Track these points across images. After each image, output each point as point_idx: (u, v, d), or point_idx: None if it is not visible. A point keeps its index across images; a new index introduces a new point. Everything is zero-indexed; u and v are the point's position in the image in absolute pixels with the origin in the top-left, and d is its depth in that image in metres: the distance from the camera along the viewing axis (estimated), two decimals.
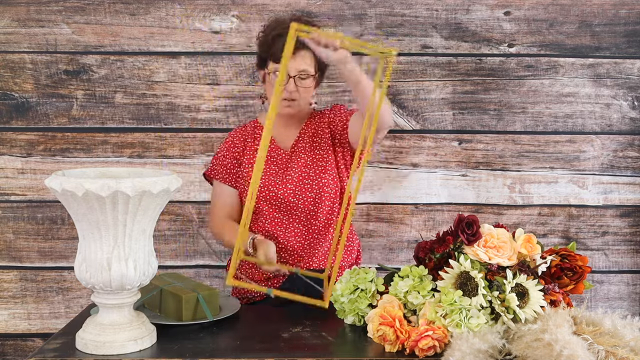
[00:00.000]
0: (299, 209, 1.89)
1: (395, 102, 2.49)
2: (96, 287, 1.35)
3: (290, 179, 1.91)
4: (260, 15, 2.44)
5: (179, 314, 1.53)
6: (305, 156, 1.93)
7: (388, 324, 1.35)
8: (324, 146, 1.94)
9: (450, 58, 2.49)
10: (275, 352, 1.35)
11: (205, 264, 2.53)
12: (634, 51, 2.50)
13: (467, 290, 1.34)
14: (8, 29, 2.44)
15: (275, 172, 1.92)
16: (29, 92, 2.46)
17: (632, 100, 2.52)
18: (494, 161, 2.53)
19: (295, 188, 1.89)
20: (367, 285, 1.50)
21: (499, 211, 2.54)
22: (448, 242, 1.44)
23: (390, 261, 2.53)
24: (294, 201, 1.89)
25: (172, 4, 2.44)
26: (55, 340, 1.43)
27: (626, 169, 2.54)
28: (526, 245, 1.45)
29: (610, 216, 2.56)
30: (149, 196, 1.29)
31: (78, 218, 1.33)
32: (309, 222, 1.91)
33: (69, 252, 2.51)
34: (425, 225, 2.54)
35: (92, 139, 2.48)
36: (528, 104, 2.51)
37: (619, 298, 2.59)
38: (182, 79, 2.47)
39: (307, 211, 1.90)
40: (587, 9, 2.49)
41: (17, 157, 2.48)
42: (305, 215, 1.90)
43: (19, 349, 2.55)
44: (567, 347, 1.18)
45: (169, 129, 2.47)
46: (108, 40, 2.45)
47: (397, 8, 2.46)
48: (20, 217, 2.50)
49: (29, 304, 2.53)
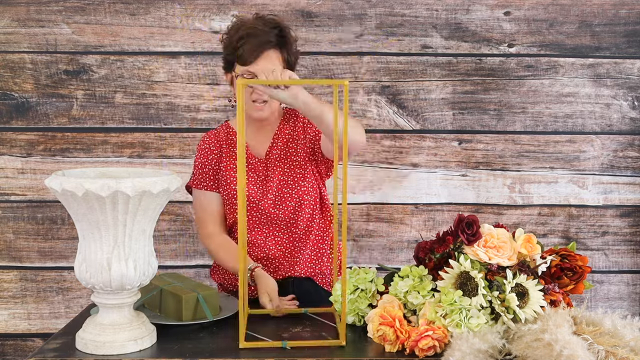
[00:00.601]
0: (279, 218, 1.87)
1: (395, 102, 2.49)
2: (96, 287, 1.35)
3: (269, 189, 1.87)
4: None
5: (179, 314, 1.53)
6: (282, 164, 1.88)
7: (388, 324, 1.35)
8: (300, 152, 1.89)
9: (450, 58, 2.49)
10: (275, 352, 1.35)
11: (205, 264, 2.53)
12: (634, 51, 2.50)
13: (467, 290, 1.34)
14: (8, 29, 2.44)
15: (253, 181, 1.88)
16: (29, 92, 2.46)
17: (632, 100, 2.52)
18: (494, 161, 2.53)
19: (275, 198, 1.86)
20: (367, 285, 1.50)
21: (499, 211, 2.54)
22: (448, 242, 1.44)
23: (390, 261, 2.53)
24: (274, 211, 1.86)
25: (172, 4, 2.44)
26: (55, 340, 1.43)
27: (626, 169, 2.54)
28: (526, 245, 1.45)
29: (610, 216, 2.56)
30: (149, 196, 1.29)
31: (78, 218, 1.33)
32: (289, 230, 1.88)
33: (69, 252, 2.51)
34: (425, 225, 2.54)
35: (92, 139, 2.48)
36: (528, 104, 2.51)
37: (619, 298, 2.59)
38: (182, 79, 2.47)
39: (288, 219, 1.87)
40: (587, 9, 2.49)
41: (17, 157, 2.48)
42: (286, 224, 1.87)
43: (19, 349, 2.55)
44: (567, 347, 1.18)
45: (169, 129, 2.47)
46: (108, 40, 2.45)
47: (397, 8, 2.46)
48: (20, 217, 2.50)
49: (29, 304, 2.53)
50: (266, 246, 1.87)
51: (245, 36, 1.80)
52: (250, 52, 1.79)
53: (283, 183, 1.87)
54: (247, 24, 1.82)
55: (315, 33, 2.46)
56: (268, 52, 1.81)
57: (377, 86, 2.49)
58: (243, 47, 1.79)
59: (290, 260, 1.88)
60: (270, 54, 1.81)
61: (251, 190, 1.87)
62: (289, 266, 1.88)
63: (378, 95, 2.49)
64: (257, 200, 1.86)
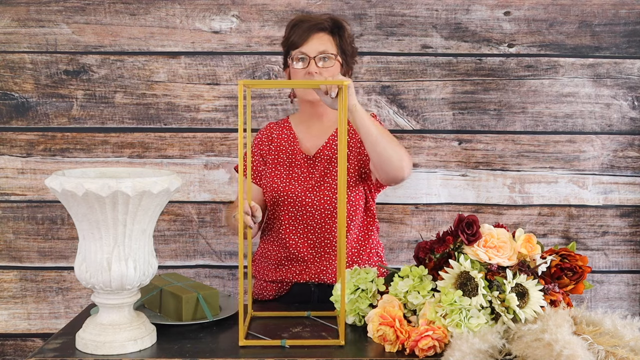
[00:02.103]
0: (314, 220, 1.82)
1: (395, 102, 2.49)
2: (96, 287, 1.35)
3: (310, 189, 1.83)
4: (260, 15, 2.44)
5: (179, 314, 1.53)
6: (331, 166, 1.84)
7: (388, 324, 1.35)
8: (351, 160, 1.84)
9: (450, 58, 2.49)
10: (275, 351, 1.35)
11: (205, 264, 2.53)
12: (634, 51, 2.50)
13: (467, 290, 1.34)
14: (8, 29, 2.44)
15: (296, 177, 1.85)
16: (29, 92, 2.46)
17: (632, 100, 2.52)
18: (494, 161, 2.53)
19: (315, 198, 1.82)
20: (367, 285, 1.50)
21: (499, 211, 2.54)
22: (448, 242, 1.44)
23: (390, 261, 2.53)
24: (311, 211, 1.82)
25: (172, 4, 2.44)
26: (55, 340, 1.43)
27: (626, 169, 2.55)
28: (526, 245, 1.45)
29: (610, 216, 2.56)
30: (149, 196, 1.29)
31: (78, 218, 1.33)
32: (323, 233, 1.82)
33: (69, 252, 2.51)
34: (425, 225, 2.54)
35: (92, 139, 2.48)
36: (528, 104, 2.51)
37: (619, 298, 2.59)
38: (182, 79, 2.47)
39: (323, 222, 1.82)
40: (587, 9, 2.49)
41: (17, 157, 2.48)
42: (321, 227, 1.82)
43: (19, 349, 2.55)
44: (567, 347, 1.18)
45: (169, 129, 2.47)
46: (108, 40, 2.45)
47: (397, 8, 2.46)
48: (20, 217, 2.50)
49: (29, 304, 2.53)
50: (297, 246, 1.83)
51: (297, 22, 1.81)
52: (301, 34, 1.78)
53: (327, 185, 1.82)
54: (297, 16, 1.85)
55: None
56: (319, 34, 1.79)
57: (377, 86, 2.49)
58: (295, 32, 1.79)
59: (319, 264, 1.83)
60: (321, 35, 1.79)
61: (291, 186, 1.84)
62: (315, 270, 1.83)
63: (378, 95, 2.49)
64: (295, 197, 1.82)
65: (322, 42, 1.79)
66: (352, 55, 1.87)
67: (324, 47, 1.78)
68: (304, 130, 1.90)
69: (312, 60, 1.77)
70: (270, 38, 2.45)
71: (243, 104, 1.50)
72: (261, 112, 2.48)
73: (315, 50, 1.77)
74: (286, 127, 1.92)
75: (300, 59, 1.79)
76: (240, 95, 1.33)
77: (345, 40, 1.84)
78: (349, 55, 1.85)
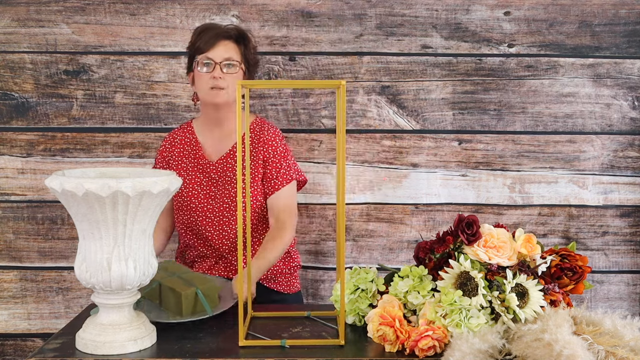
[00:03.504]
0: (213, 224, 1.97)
1: (395, 102, 2.49)
2: (96, 287, 1.35)
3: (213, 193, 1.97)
4: (260, 15, 2.44)
5: (179, 309, 1.54)
6: (231, 173, 1.96)
7: (388, 324, 1.35)
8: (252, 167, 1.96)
9: (450, 58, 2.49)
10: (275, 351, 1.35)
11: None
12: (634, 51, 2.50)
13: (467, 290, 1.34)
14: (8, 29, 2.44)
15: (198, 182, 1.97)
16: (29, 92, 2.46)
17: (632, 100, 2.52)
18: (494, 161, 2.53)
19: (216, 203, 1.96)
20: (367, 285, 1.50)
21: (499, 211, 2.54)
22: (448, 242, 1.44)
23: (390, 261, 2.53)
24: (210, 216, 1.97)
25: (172, 4, 2.44)
26: (55, 340, 1.43)
27: (626, 169, 2.54)
28: (526, 245, 1.45)
29: (610, 216, 2.56)
30: (149, 196, 1.29)
31: (78, 218, 1.33)
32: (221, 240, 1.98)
33: (69, 252, 2.51)
34: (425, 225, 2.54)
35: (92, 139, 2.48)
36: (528, 104, 2.51)
37: (619, 298, 2.59)
38: (182, 79, 2.47)
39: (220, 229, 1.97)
40: (587, 9, 2.49)
41: (17, 157, 2.48)
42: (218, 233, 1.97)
43: (19, 349, 2.55)
44: (567, 347, 1.18)
45: (169, 129, 2.47)
46: (108, 40, 2.45)
47: (397, 8, 2.46)
48: (20, 217, 2.50)
49: (29, 304, 2.53)
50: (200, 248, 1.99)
51: (205, 29, 1.93)
52: (208, 40, 1.90)
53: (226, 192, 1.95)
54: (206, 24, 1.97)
55: (315, 33, 2.46)
56: (225, 42, 1.90)
57: (377, 86, 2.49)
58: (201, 38, 1.90)
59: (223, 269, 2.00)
60: (227, 43, 1.91)
61: (194, 191, 1.97)
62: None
63: (378, 95, 2.49)
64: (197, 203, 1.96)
65: (227, 50, 1.91)
66: (254, 64, 2.01)
67: (229, 54, 1.90)
68: (207, 135, 2.01)
69: (217, 66, 1.88)
70: (270, 38, 2.45)
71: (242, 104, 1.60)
72: (261, 112, 2.48)
73: (221, 57, 1.89)
74: (189, 131, 2.05)
75: (206, 64, 1.90)
76: (239, 96, 1.33)
77: (249, 50, 1.97)
78: (251, 64, 1.98)
